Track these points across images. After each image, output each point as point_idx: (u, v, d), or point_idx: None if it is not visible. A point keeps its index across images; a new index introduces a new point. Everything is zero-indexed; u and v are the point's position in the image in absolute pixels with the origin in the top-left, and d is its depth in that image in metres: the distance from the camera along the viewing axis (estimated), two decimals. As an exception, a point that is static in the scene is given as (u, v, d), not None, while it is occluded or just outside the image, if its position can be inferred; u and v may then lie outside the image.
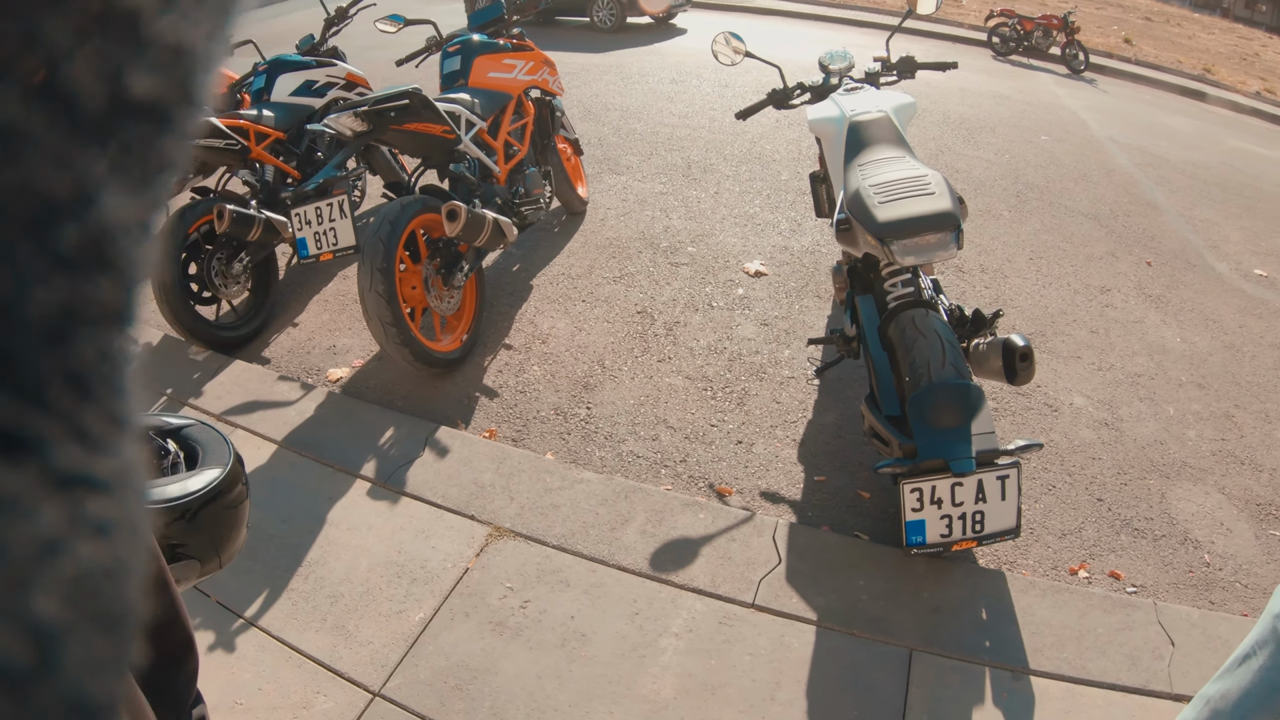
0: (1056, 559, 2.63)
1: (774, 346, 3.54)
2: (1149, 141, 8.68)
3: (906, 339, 2.42)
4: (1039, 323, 4.12)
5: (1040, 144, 7.56)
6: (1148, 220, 6.06)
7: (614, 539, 2.39)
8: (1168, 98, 13.40)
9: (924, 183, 2.34)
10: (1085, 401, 3.52)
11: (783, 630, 2.16)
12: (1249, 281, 5.39)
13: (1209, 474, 3.22)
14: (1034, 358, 2.41)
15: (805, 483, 2.79)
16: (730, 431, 2.99)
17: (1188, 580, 2.65)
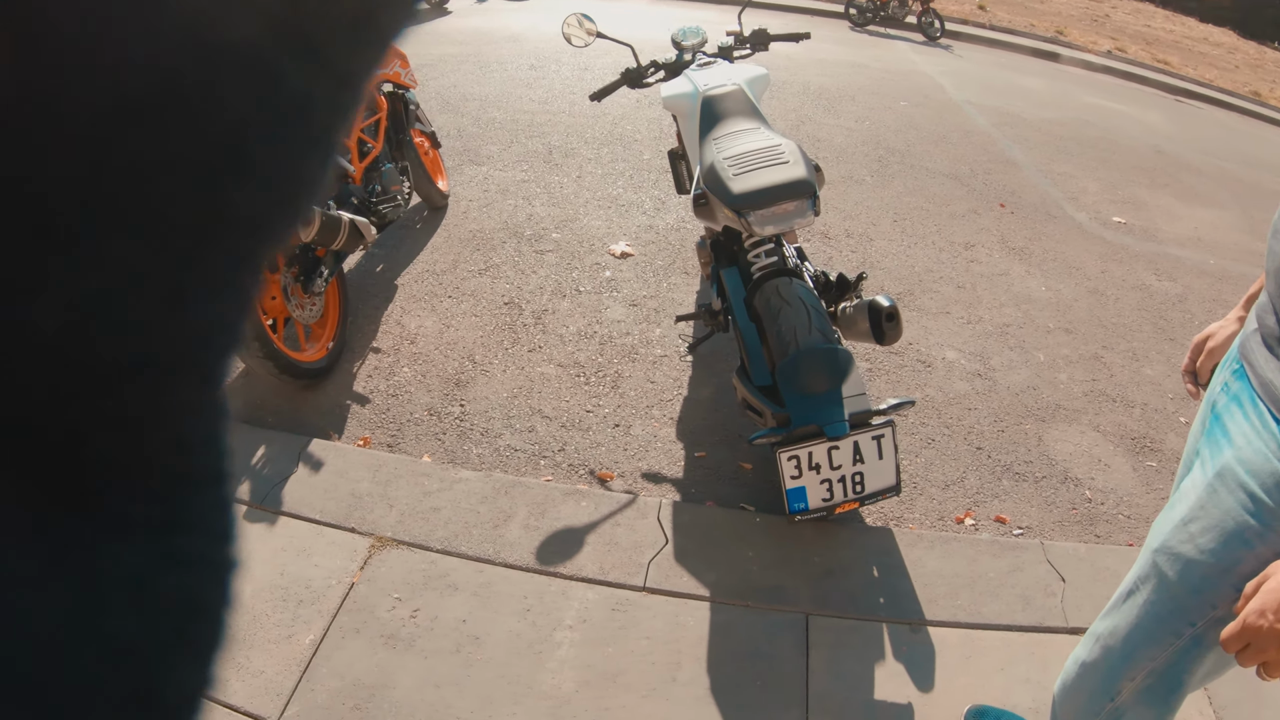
0: (942, 510, 2.72)
1: (645, 326, 3.55)
2: (1005, 102, 9.17)
3: (772, 308, 2.47)
4: (907, 282, 4.28)
5: (899, 109, 7.87)
6: (1007, 176, 6.39)
7: (498, 536, 2.34)
8: (1022, 60, 14.21)
9: (778, 152, 2.40)
10: (957, 355, 3.67)
11: (677, 610, 2.17)
12: (1108, 229, 5.75)
13: (1083, 414, 3.40)
14: (900, 317, 2.48)
15: (686, 460, 2.80)
16: (606, 415, 2.97)
17: (1072, 518, 2.79)
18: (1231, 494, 1.06)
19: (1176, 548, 1.13)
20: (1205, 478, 1.12)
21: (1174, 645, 1.15)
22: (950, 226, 5.17)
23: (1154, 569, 1.18)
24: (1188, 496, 1.15)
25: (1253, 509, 1.02)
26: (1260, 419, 1.06)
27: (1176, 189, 7.19)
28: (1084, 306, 4.43)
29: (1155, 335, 4.29)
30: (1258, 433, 1.05)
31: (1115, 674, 1.24)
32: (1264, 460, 1.02)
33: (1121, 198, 6.53)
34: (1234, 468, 1.07)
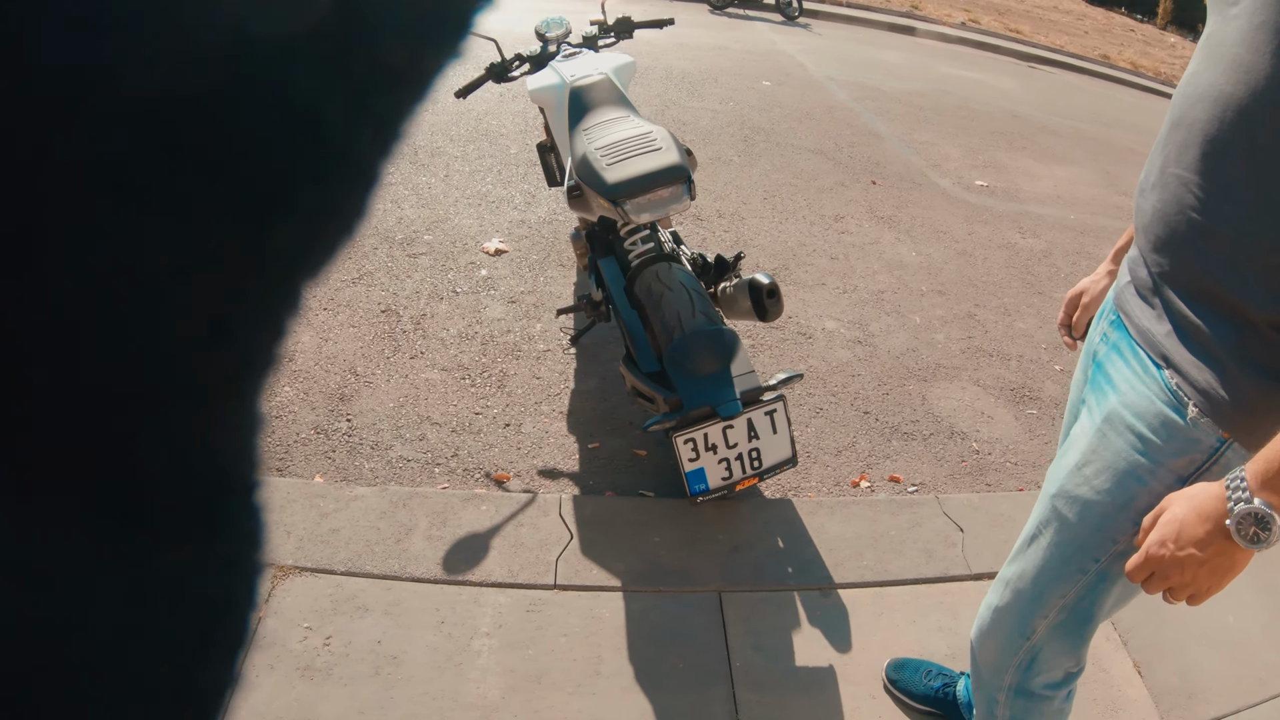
0: (837, 475, 2.86)
1: (525, 323, 3.57)
2: (865, 76, 9.56)
3: (653, 295, 2.53)
4: (781, 257, 4.44)
5: (762, 89, 8.12)
6: (871, 148, 6.69)
7: (402, 551, 2.33)
8: (879, 35, 14.81)
9: (650, 139, 2.46)
10: (836, 324, 3.85)
11: (590, 604, 2.21)
12: (971, 192, 6.09)
13: (962, 370, 3.62)
14: (780, 293, 2.61)
15: (580, 453, 2.85)
16: (496, 416, 2.99)
17: (962, 470, 2.97)
18: (1120, 436, 1.17)
19: (1074, 491, 1.24)
20: (1094, 424, 1.24)
21: (1081, 581, 1.26)
22: (819, 200, 5.38)
23: (1054, 513, 1.29)
24: (1079, 443, 1.26)
25: (1141, 448, 1.14)
26: (1140, 365, 1.17)
27: (1034, 150, 7.67)
28: (954, 268, 4.69)
29: (1024, 290, 4.58)
30: (1139, 378, 1.16)
31: (1029, 614, 1.35)
32: (1148, 402, 1.14)
33: (982, 162, 6.92)
34: (1120, 412, 1.18)
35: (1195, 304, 1.10)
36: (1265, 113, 0.97)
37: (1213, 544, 0.98)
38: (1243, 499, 0.95)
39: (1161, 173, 1.15)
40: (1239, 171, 1.02)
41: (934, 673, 2.00)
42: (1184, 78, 1.14)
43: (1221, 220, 1.04)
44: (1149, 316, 1.17)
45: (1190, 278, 1.10)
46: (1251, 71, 0.97)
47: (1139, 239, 1.21)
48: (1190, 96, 1.09)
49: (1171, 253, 1.12)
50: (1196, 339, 1.09)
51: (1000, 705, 1.47)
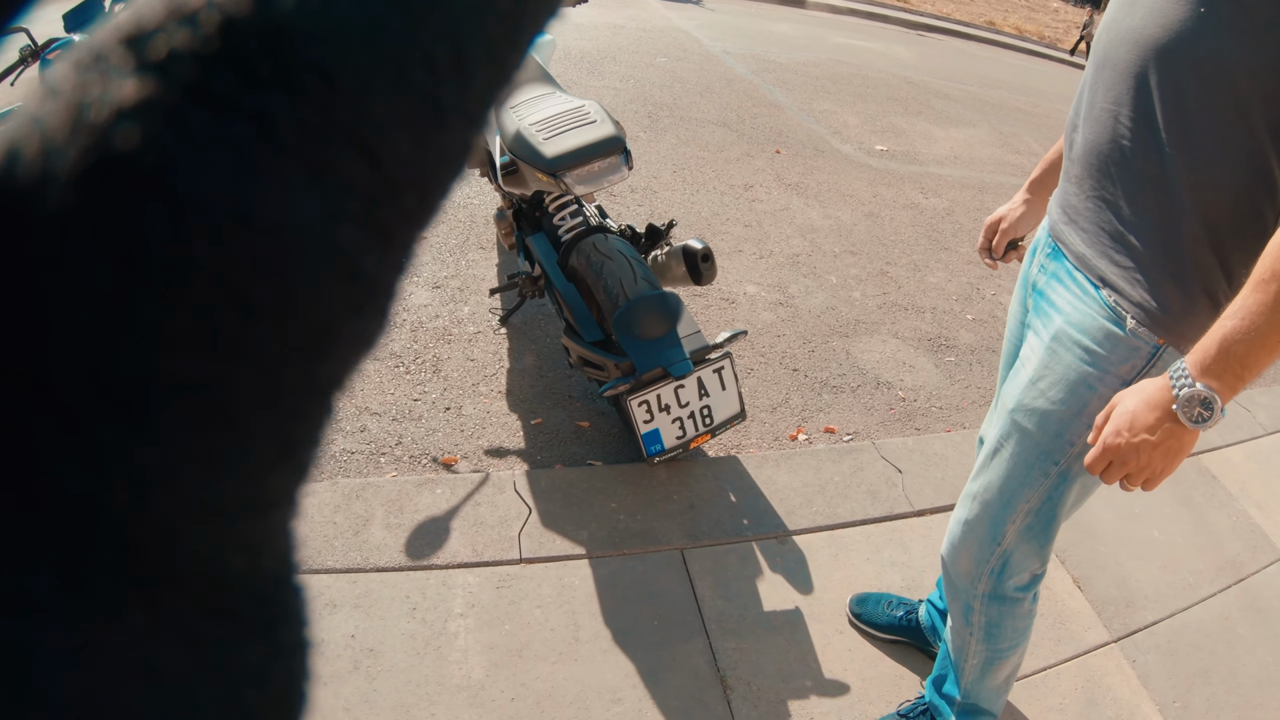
0: (776, 431, 2.96)
1: (452, 306, 3.57)
2: (761, 49, 9.72)
3: (594, 265, 2.57)
4: (696, 227, 4.53)
5: (660, 65, 8.18)
6: (773, 119, 6.82)
7: (362, 543, 2.31)
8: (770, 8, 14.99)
9: (583, 113, 2.50)
10: (756, 288, 3.96)
11: (560, 573, 2.25)
12: (873, 157, 6.29)
13: (880, 325, 3.77)
14: (714, 257, 2.69)
15: (524, 429, 2.88)
16: (435, 401, 2.99)
17: (891, 417, 3.11)
18: (1069, 351, 1.30)
19: (1031, 404, 1.36)
20: (1043, 344, 1.36)
21: (1044, 484, 1.38)
22: (728, 171, 5.49)
23: (1014, 426, 1.41)
24: (1030, 362, 1.39)
25: (1089, 359, 1.27)
26: (1080, 288, 1.30)
27: (929, 115, 7.94)
28: (863, 229, 4.86)
29: (931, 247, 4.78)
30: (1080, 299, 1.30)
31: (999, 521, 1.46)
32: (1090, 319, 1.27)
33: (881, 127, 7.14)
34: (1066, 330, 1.31)
35: (1126, 225, 1.22)
36: (1182, 50, 1.09)
37: (1162, 427, 1.10)
38: (1186, 384, 1.07)
39: (1090, 107, 1.27)
40: (1160, 103, 1.14)
41: (895, 603, 2.12)
42: (1103, 24, 1.26)
43: (1147, 146, 1.17)
44: (1084, 241, 1.30)
45: (1121, 200, 1.23)
46: (1169, 15, 1.10)
47: (1071, 169, 1.34)
48: (1113, 40, 1.21)
49: (1103, 178, 1.25)
50: (1130, 257, 1.22)
51: (976, 612, 1.58)
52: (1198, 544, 2.62)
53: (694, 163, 5.55)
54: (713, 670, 2.03)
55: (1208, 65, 1.08)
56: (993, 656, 1.64)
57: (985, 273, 4.52)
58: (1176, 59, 1.11)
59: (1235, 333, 1.02)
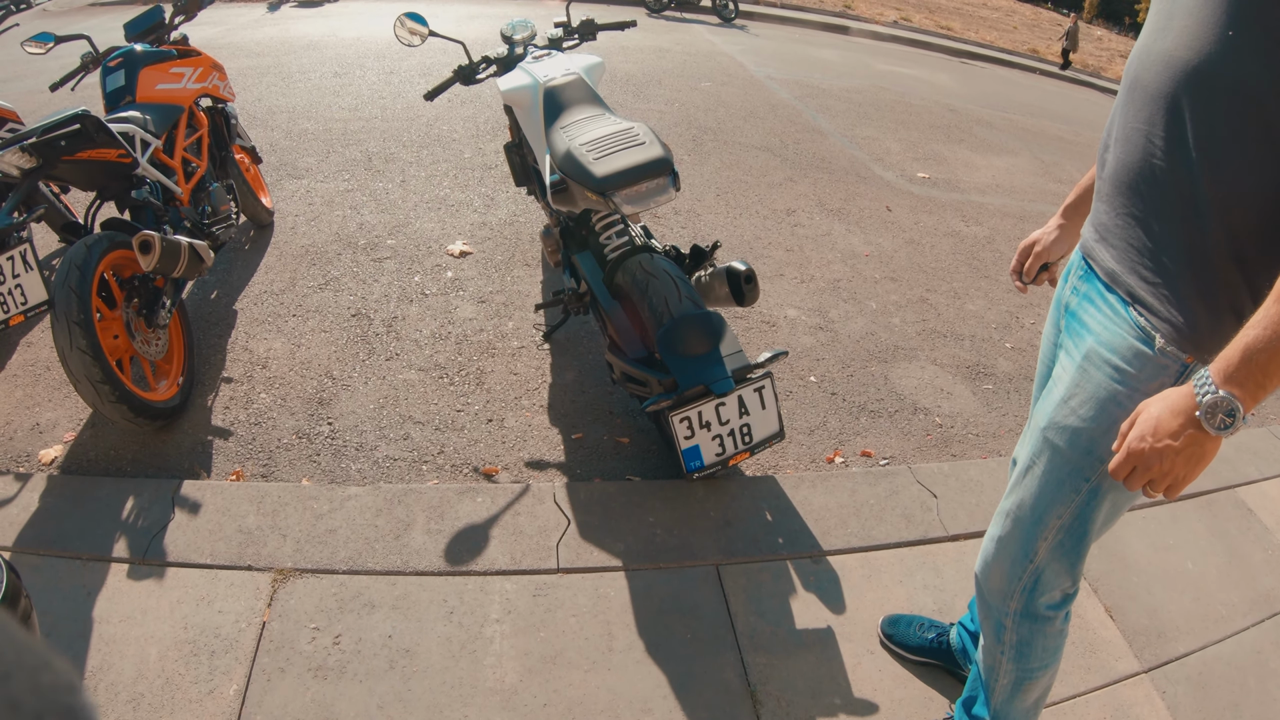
0: (813, 453, 2.99)
1: (497, 321, 3.65)
2: (804, 75, 9.78)
3: (639, 283, 2.63)
4: (738, 250, 4.60)
5: (705, 90, 8.27)
6: (816, 144, 6.88)
7: (403, 546, 2.37)
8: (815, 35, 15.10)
9: (633, 134, 2.56)
10: (797, 312, 4.00)
11: (596, 584, 2.29)
12: (914, 184, 6.31)
13: (919, 351, 3.79)
14: (757, 278, 2.75)
15: (564, 443, 2.94)
16: (478, 412, 3.06)
17: (928, 442, 3.12)
18: (1100, 370, 1.33)
19: (1063, 422, 1.39)
20: (1074, 363, 1.39)
21: (1075, 500, 1.41)
22: (770, 195, 5.54)
23: (1046, 443, 1.44)
24: (1062, 380, 1.42)
25: (1119, 378, 1.30)
26: (1111, 308, 1.33)
27: (971, 142, 7.95)
28: (904, 256, 4.88)
29: (971, 274, 4.78)
30: (1111, 319, 1.33)
31: (1031, 537, 1.49)
32: (1121, 339, 1.30)
33: (923, 154, 7.16)
34: (1098, 349, 1.34)
35: (1155, 242, 1.26)
36: (1212, 73, 1.13)
37: (1185, 433, 1.12)
38: (1209, 391, 1.10)
39: (1122, 128, 1.31)
40: (1190, 125, 1.17)
41: (926, 625, 2.14)
42: (1137, 46, 1.30)
43: (1177, 166, 1.20)
44: (1114, 258, 1.33)
45: (1151, 218, 1.26)
46: (1199, 38, 1.14)
47: (1103, 188, 1.37)
48: (1145, 63, 1.25)
49: (1135, 196, 1.28)
50: (1159, 274, 1.25)
51: (1008, 630, 1.61)
52: (1231, 577, 2.60)
53: (737, 186, 5.62)
54: (743, 684, 2.06)
55: (1238, 88, 1.11)
56: (1023, 676, 1.66)
57: (1025, 301, 4.52)
58: (1207, 82, 1.14)
59: (1258, 342, 1.06)
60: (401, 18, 3.12)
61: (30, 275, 2.76)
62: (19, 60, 4.09)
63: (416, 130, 6.07)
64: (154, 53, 3.60)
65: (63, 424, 2.96)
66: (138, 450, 2.82)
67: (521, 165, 3.62)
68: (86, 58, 3.89)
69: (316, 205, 4.71)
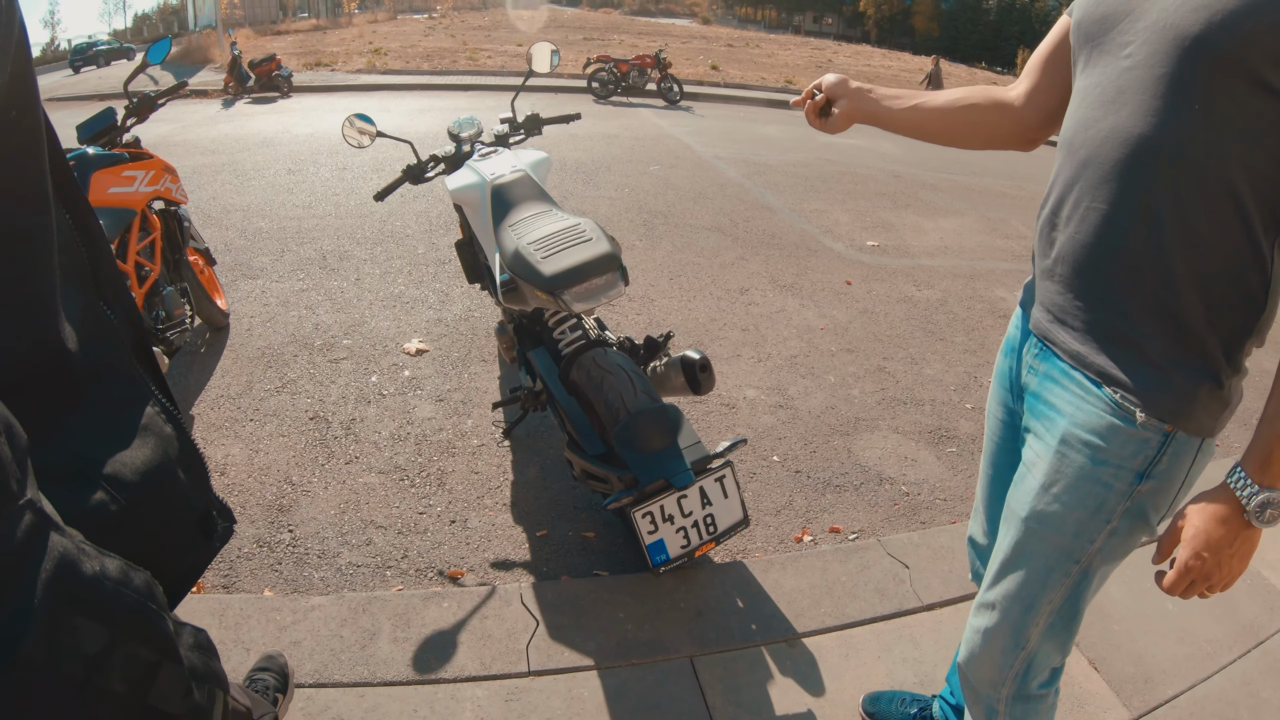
0: (780, 534, 3.00)
1: (456, 419, 3.65)
2: (750, 153, 10.05)
3: (594, 379, 2.66)
4: (694, 334, 4.66)
5: (654, 174, 8.47)
6: (765, 221, 7.05)
7: (369, 656, 2.33)
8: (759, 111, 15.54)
9: (579, 231, 2.60)
10: (756, 392, 4.06)
11: (568, 686, 2.27)
12: (864, 253, 6.46)
13: (880, 420, 3.84)
14: (712, 367, 2.79)
15: (530, 541, 2.92)
16: (440, 514, 3.04)
17: (895, 513, 3.15)
18: (1078, 452, 1.31)
19: (1046, 509, 1.37)
20: (1049, 447, 1.36)
21: (1066, 582, 1.39)
22: (723, 275, 5.65)
23: (1029, 533, 1.41)
24: (1037, 467, 1.39)
25: (1100, 457, 1.27)
26: (1080, 386, 1.30)
27: (918, 207, 8.18)
28: (859, 326, 4.98)
29: (927, 338, 4.88)
30: (1083, 398, 1.30)
31: (1022, 626, 1.46)
32: (1096, 417, 1.28)
33: (871, 223, 7.35)
34: (1073, 431, 1.32)
35: (1125, 320, 1.24)
36: (1177, 149, 1.12)
37: (1238, 537, 1.17)
38: (1254, 493, 1.14)
39: (1074, 207, 1.28)
40: (1156, 201, 1.16)
41: (909, 700, 2.13)
42: (1078, 120, 1.27)
43: (1144, 242, 1.18)
44: (1078, 340, 1.31)
45: (1117, 296, 1.24)
46: (1160, 114, 1.13)
47: (1055, 270, 1.34)
48: (1095, 139, 1.22)
49: (1096, 276, 1.26)
50: (1130, 350, 1.24)
51: (1000, 715, 1.58)
52: (1213, 612, 2.62)
53: (690, 269, 5.72)
54: (726, 781, 2.04)
55: (1207, 162, 1.11)
56: None
57: (982, 360, 4.60)
58: (1171, 157, 1.13)
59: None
60: (350, 118, 3.18)
61: None
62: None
63: (370, 227, 6.15)
64: (106, 156, 3.64)
65: None
66: None
67: (473, 262, 3.66)
68: None
69: (272, 305, 4.73)
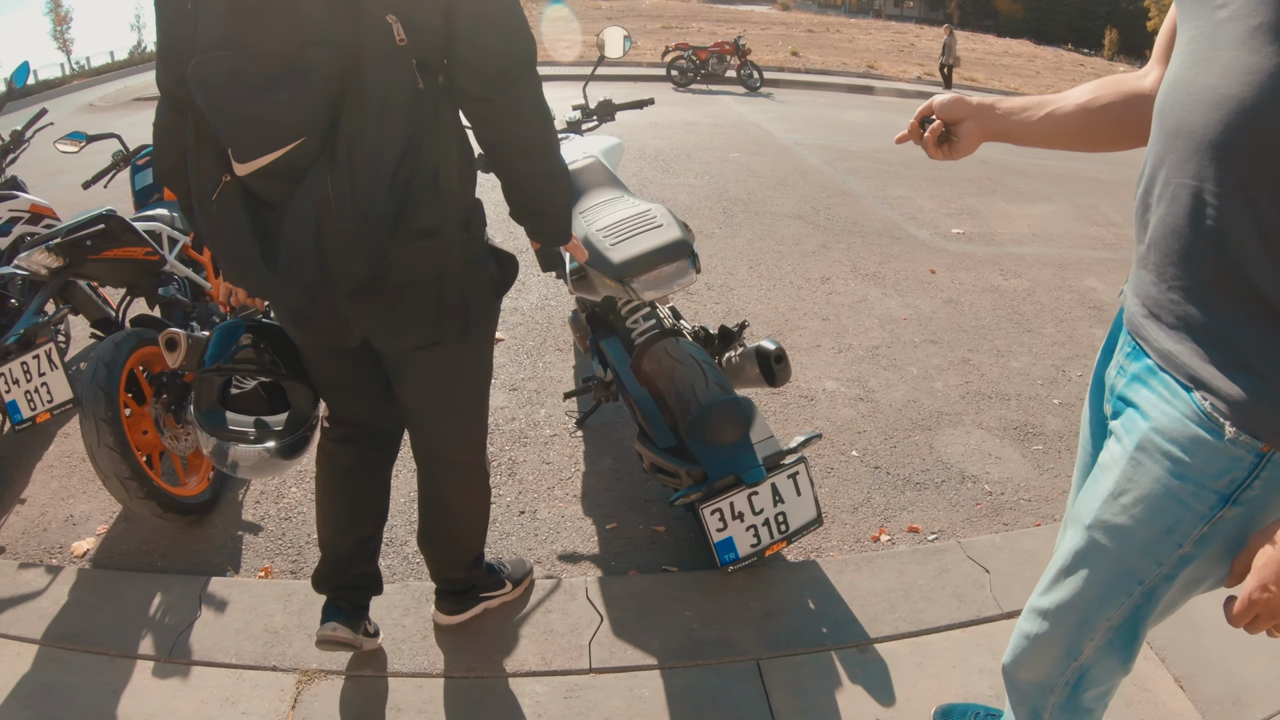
0: (857, 533, 2.88)
1: (529, 409, 3.62)
2: (833, 139, 9.83)
3: (665, 369, 2.59)
4: (773, 324, 4.54)
5: (734, 160, 8.33)
6: (848, 208, 6.86)
7: (430, 647, 2.32)
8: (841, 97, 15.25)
9: (649, 217, 2.53)
10: (836, 384, 3.92)
11: (630, 684, 2.21)
12: (950, 240, 6.24)
13: (964, 415, 3.68)
14: (787, 358, 2.68)
15: (599, 534, 2.87)
16: (509, 504, 3.01)
17: (978, 513, 3.00)
18: (1156, 462, 1.15)
19: (1113, 520, 1.22)
20: (1125, 452, 1.21)
21: (1127, 602, 1.25)
22: (804, 264, 5.51)
23: (1093, 543, 1.27)
24: (1110, 472, 1.24)
25: (1179, 472, 1.11)
26: (1167, 388, 1.14)
27: (1005, 193, 7.87)
28: (943, 316, 4.79)
29: (1014, 330, 4.67)
30: (1168, 401, 1.13)
31: (1075, 639, 1.34)
32: (1180, 425, 1.11)
33: (956, 210, 7.10)
34: (1153, 438, 1.15)
35: (1220, 315, 1.07)
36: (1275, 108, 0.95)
37: None
38: None
39: (1165, 184, 1.11)
40: (1250, 173, 0.99)
41: (983, 714, 2.00)
42: (1169, 83, 1.11)
43: (1238, 224, 1.02)
44: (1170, 338, 1.14)
45: (1211, 289, 1.08)
46: (1255, 72, 0.96)
47: (1148, 257, 1.18)
48: (1185, 103, 1.06)
49: (1187, 265, 1.10)
50: (1225, 352, 1.06)
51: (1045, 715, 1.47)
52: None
53: (770, 257, 5.60)
54: (792, 790, 1.95)
55: None
56: None
57: (1071, 353, 4.39)
58: (1270, 124, 0.96)
59: None
60: None
61: (55, 374, 2.87)
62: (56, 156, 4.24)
63: (449, 221, 6.18)
64: None
65: (96, 516, 2.99)
66: (169, 544, 2.83)
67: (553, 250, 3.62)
68: (117, 156, 4.02)
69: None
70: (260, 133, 1.42)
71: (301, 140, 1.42)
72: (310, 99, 1.40)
